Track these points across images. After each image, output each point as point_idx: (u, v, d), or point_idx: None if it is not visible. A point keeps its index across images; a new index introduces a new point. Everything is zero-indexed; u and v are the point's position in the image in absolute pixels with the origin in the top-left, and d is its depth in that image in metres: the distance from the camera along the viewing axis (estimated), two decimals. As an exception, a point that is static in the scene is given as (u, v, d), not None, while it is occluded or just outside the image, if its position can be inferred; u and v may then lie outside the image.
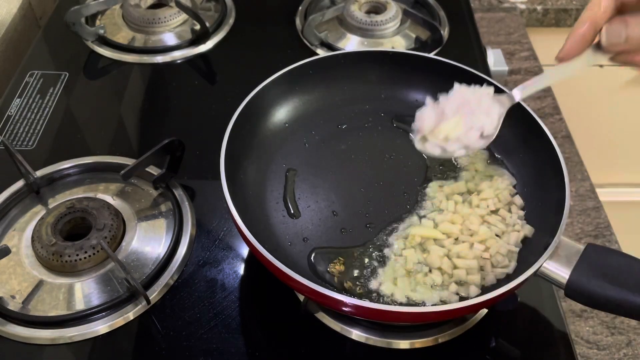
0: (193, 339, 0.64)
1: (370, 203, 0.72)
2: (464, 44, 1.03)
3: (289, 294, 0.67)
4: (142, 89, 0.95)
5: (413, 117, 0.67)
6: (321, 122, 0.80)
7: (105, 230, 0.69)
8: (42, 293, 0.67)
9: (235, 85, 0.93)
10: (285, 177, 0.74)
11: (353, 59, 0.81)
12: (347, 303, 0.56)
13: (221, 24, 1.05)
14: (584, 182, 0.99)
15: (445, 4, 1.09)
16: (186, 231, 0.73)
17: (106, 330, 0.64)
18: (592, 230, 0.92)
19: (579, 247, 0.59)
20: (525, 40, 1.25)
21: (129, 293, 0.66)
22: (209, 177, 0.80)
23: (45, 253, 0.67)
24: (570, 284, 0.57)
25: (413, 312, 0.58)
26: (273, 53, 1.00)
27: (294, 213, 0.70)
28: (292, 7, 1.09)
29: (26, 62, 0.97)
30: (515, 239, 0.66)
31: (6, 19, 1.05)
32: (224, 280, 0.70)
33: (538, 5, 1.33)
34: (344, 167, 0.75)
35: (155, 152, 0.73)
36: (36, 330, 0.64)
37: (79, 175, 0.80)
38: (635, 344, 0.76)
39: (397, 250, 0.66)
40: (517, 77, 1.18)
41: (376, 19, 1.01)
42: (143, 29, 1.02)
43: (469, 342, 0.65)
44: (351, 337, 0.64)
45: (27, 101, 0.90)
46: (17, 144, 0.84)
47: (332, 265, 0.65)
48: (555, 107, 1.13)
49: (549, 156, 0.67)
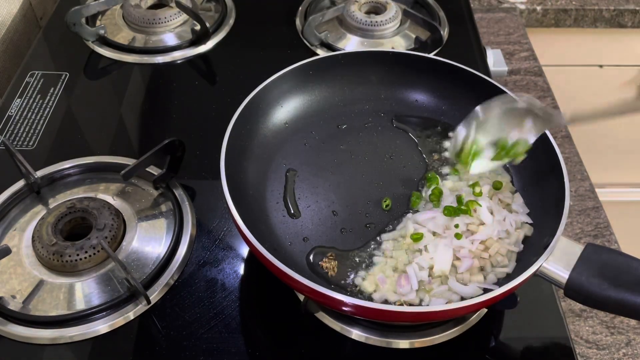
0: (193, 338, 0.64)
1: (370, 203, 0.72)
2: (464, 44, 1.03)
3: (289, 294, 0.67)
4: (142, 89, 0.95)
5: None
6: (321, 122, 0.80)
7: (106, 230, 0.69)
8: (43, 293, 0.67)
9: (235, 86, 0.93)
10: (285, 177, 0.74)
11: (353, 59, 0.81)
12: (347, 303, 0.56)
13: (221, 25, 1.05)
14: (583, 182, 0.99)
15: (445, 4, 1.10)
16: (186, 231, 0.73)
17: (106, 330, 0.64)
18: (592, 230, 0.92)
19: (579, 247, 0.59)
20: (525, 41, 1.25)
21: (129, 293, 0.66)
22: (209, 177, 0.80)
23: (45, 253, 0.67)
24: (570, 284, 0.57)
25: (413, 312, 0.58)
26: (273, 53, 1.01)
27: (294, 213, 0.71)
28: (292, 7, 1.09)
29: (27, 62, 0.97)
30: (515, 239, 0.66)
31: (6, 19, 1.05)
32: (224, 280, 0.70)
33: (538, 5, 1.34)
34: (344, 167, 0.76)
35: (156, 152, 0.73)
36: (37, 330, 0.64)
37: (80, 175, 0.80)
38: (634, 344, 0.76)
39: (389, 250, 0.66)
40: (517, 77, 1.18)
41: (376, 19, 1.02)
42: (143, 29, 1.02)
43: (469, 342, 0.65)
44: (351, 336, 0.65)
45: (27, 101, 0.90)
46: (18, 144, 0.84)
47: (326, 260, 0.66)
48: (555, 107, 1.13)
49: (549, 156, 0.67)
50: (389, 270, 0.64)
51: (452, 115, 0.80)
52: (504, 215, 0.67)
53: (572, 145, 1.06)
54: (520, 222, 0.68)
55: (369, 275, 0.65)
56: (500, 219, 0.67)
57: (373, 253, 0.67)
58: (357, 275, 0.65)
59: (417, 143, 0.78)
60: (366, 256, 0.66)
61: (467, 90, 0.78)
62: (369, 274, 0.65)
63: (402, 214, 0.70)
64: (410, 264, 0.64)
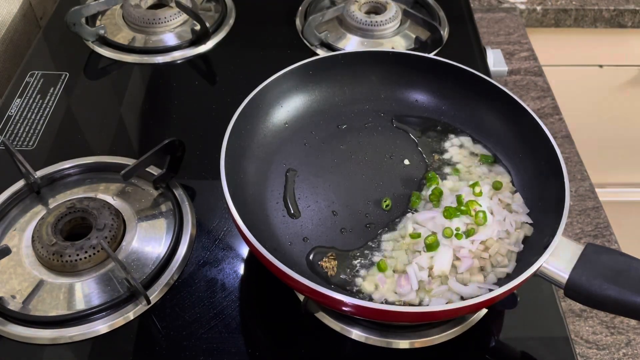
0: (193, 338, 0.64)
1: (370, 203, 0.72)
2: (464, 44, 1.03)
3: (289, 294, 0.67)
4: (142, 89, 0.95)
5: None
6: (321, 122, 0.80)
7: (106, 230, 0.69)
8: (43, 293, 0.67)
9: (235, 86, 0.93)
10: (285, 177, 0.74)
11: (353, 59, 0.81)
12: (347, 303, 0.56)
13: (221, 24, 1.05)
14: (583, 182, 0.99)
15: (445, 4, 1.10)
16: (186, 231, 0.73)
17: (106, 330, 0.64)
18: (592, 230, 0.92)
19: (579, 247, 0.59)
20: (525, 41, 1.25)
21: (129, 293, 0.66)
22: (209, 177, 0.80)
23: (45, 253, 0.67)
24: (570, 284, 0.57)
25: (413, 312, 0.58)
26: (273, 53, 1.01)
27: (294, 213, 0.71)
28: (292, 7, 1.09)
29: (27, 62, 0.97)
30: (515, 239, 0.66)
31: (6, 19, 1.05)
32: (224, 280, 0.70)
33: (538, 5, 1.34)
34: (344, 167, 0.76)
35: (156, 152, 0.73)
36: (36, 330, 0.64)
37: (80, 176, 0.80)
38: (634, 344, 0.76)
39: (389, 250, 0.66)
40: (517, 77, 1.18)
41: (376, 19, 1.02)
42: (143, 29, 1.02)
43: (469, 342, 0.65)
44: (351, 336, 0.65)
45: (27, 101, 0.90)
46: (18, 144, 0.84)
47: (326, 260, 0.66)
48: (555, 107, 1.13)
49: (549, 156, 0.67)
50: (388, 271, 0.64)
51: (452, 115, 0.80)
52: (504, 215, 0.67)
53: (572, 145, 1.06)
54: (520, 222, 0.68)
55: (369, 275, 0.65)
56: (500, 219, 0.67)
57: (373, 253, 0.67)
58: (358, 275, 0.65)
59: (417, 143, 0.78)
60: (366, 256, 0.66)
61: (467, 90, 0.78)
62: (369, 274, 0.65)
63: (402, 214, 0.70)
64: (410, 264, 0.64)
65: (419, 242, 0.65)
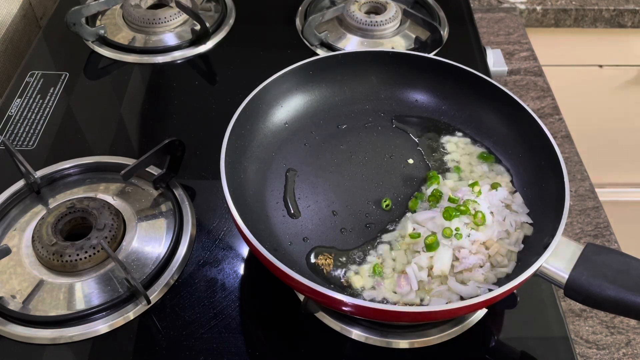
0: (193, 338, 0.64)
1: (370, 203, 0.72)
2: (464, 44, 1.03)
3: (289, 294, 0.67)
4: (142, 89, 0.95)
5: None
6: (321, 122, 0.80)
7: (106, 230, 0.69)
8: (43, 293, 0.67)
9: (235, 85, 0.93)
10: (285, 177, 0.74)
11: (353, 59, 0.81)
12: (347, 303, 0.56)
13: (221, 24, 1.05)
14: (583, 182, 0.99)
15: (445, 4, 1.10)
16: (186, 231, 0.73)
17: (106, 330, 0.64)
18: (592, 230, 0.92)
19: (579, 247, 0.59)
20: (525, 41, 1.25)
21: (129, 293, 0.66)
22: (209, 177, 0.80)
23: (45, 253, 0.67)
24: (570, 284, 0.57)
25: (413, 312, 0.58)
26: (273, 53, 1.01)
27: (294, 213, 0.71)
28: (292, 7, 1.09)
29: (26, 62, 0.97)
30: (515, 239, 0.66)
31: (6, 19, 1.05)
32: (224, 280, 0.70)
33: (537, 5, 1.34)
34: (344, 167, 0.76)
35: (156, 152, 0.73)
36: (36, 330, 0.64)
37: (80, 175, 0.80)
38: (634, 344, 0.76)
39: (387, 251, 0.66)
40: (517, 77, 1.18)
41: (376, 19, 1.02)
42: (143, 29, 1.02)
43: (469, 342, 0.65)
44: (351, 336, 0.65)
45: (27, 101, 0.90)
46: (18, 144, 0.84)
47: (321, 258, 0.66)
48: (555, 107, 1.13)
49: (549, 156, 0.67)
50: (388, 270, 0.64)
51: (452, 115, 0.80)
52: (504, 215, 0.67)
53: (572, 145, 1.06)
54: (520, 222, 0.68)
55: (369, 275, 0.64)
56: (500, 219, 0.67)
57: (372, 253, 0.67)
58: (358, 274, 0.65)
59: (417, 143, 0.78)
60: (366, 256, 0.66)
61: (467, 90, 0.78)
62: (369, 274, 0.65)
63: (402, 214, 0.70)
64: (409, 264, 0.64)
65: (418, 242, 0.65)
